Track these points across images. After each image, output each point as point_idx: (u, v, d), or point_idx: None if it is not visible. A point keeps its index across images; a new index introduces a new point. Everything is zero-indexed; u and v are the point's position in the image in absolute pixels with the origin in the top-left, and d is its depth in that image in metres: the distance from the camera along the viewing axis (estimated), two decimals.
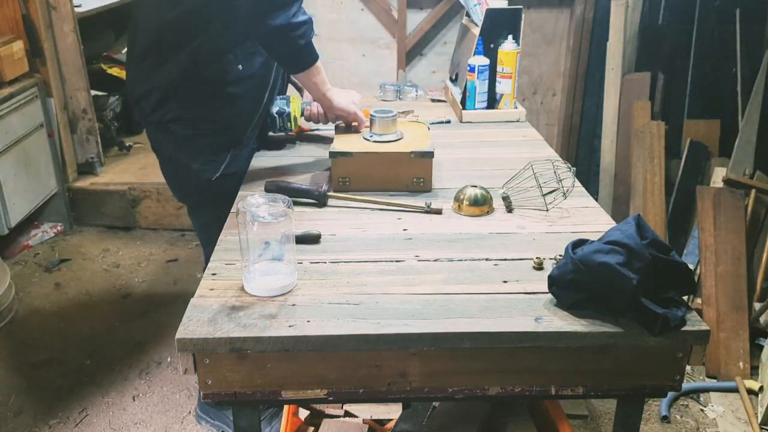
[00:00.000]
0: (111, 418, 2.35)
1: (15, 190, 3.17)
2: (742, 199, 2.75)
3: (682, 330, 1.14)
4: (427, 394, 1.19)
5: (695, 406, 2.42)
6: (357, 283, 1.29)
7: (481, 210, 1.58)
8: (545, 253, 1.38)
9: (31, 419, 2.33)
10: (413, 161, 1.69)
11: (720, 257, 2.67)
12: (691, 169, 3.08)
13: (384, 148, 1.74)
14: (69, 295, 3.08)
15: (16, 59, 3.21)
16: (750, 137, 2.94)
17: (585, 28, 3.50)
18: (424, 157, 1.70)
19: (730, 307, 2.59)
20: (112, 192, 3.64)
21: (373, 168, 1.71)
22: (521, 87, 3.63)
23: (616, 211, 3.36)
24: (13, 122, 3.16)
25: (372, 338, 1.13)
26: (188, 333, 1.13)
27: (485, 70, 2.23)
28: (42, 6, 3.36)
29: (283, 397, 1.18)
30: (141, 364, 2.62)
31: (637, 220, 1.19)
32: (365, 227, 1.53)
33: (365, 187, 1.70)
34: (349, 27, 3.55)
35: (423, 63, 3.65)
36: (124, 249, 3.50)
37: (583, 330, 1.14)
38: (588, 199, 1.68)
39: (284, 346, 1.13)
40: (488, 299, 1.23)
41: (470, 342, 1.14)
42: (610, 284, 1.13)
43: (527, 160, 1.71)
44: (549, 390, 1.20)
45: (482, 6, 2.27)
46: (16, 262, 3.32)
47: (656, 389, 1.21)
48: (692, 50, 3.21)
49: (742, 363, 2.51)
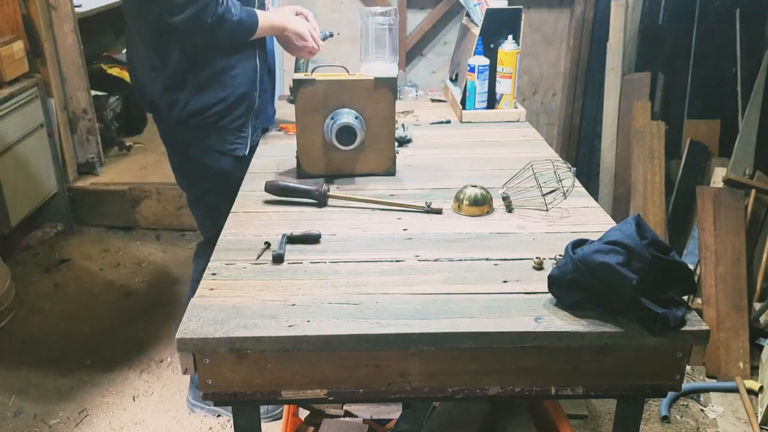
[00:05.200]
0: (111, 418, 2.35)
1: (15, 190, 3.17)
2: (742, 199, 2.75)
3: (682, 330, 1.14)
4: (427, 394, 1.19)
5: (695, 406, 2.42)
6: (357, 283, 1.29)
7: (481, 210, 1.58)
8: (545, 253, 1.38)
9: (31, 419, 2.33)
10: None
11: (720, 257, 2.67)
12: (691, 169, 3.08)
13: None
14: (69, 295, 3.08)
15: (16, 59, 3.21)
16: (750, 137, 2.94)
17: (585, 28, 3.50)
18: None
19: (730, 307, 2.59)
20: (112, 192, 3.64)
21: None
22: (521, 87, 3.63)
23: (616, 211, 3.36)
24: (14, 122, 3.16)
25: (372, 338, 1.13)
26: (188, 333, 1.13)
27: (485, 70, 2.23)
28: (42, 6, 3.36)
29: (283, 397, 1.18)
30: (141, 364, 2.62)
31: (637, 220, 1.19)
32: (365, 227, 1.53)
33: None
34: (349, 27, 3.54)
35: (423, 63, 3.65)
36: (124, 249, 3.50)
37: (583, 330, 1.14)
38: (588, 199, 1.68)
39: (284, 346, 1.13)
40: (488, 299, 1.23)
41: (470, 342, 1.14)
42: (610, 284, 1.13)
43: (527, 160, 1.71)
44: (549, 390, 1.20)
45: (482, 6, 2.27)
46: (16, 262, 3.32)
47: (656, 389, 1.21)
48: (692, 50, 3.21)
49: (742, 363, 2.51)
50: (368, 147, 1.79)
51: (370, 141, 1.78)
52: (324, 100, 1.73)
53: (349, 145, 1.73)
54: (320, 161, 1.79)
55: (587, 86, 3.61)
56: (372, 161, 1.81)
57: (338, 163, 1.80)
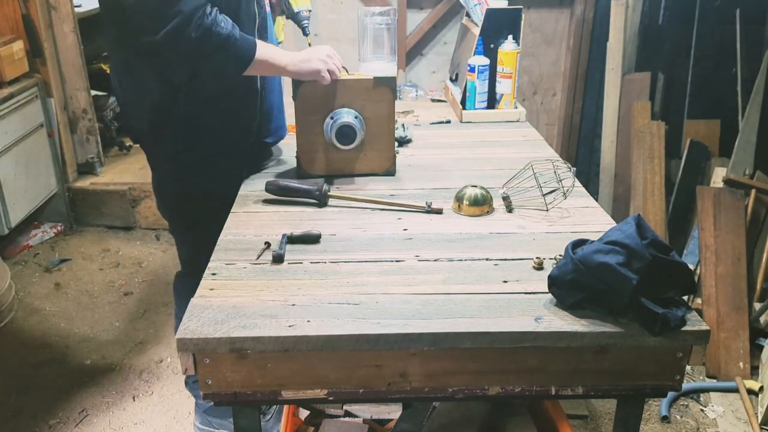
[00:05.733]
0: (111, 418, 2.35)
1: (15, 190, 3.17)
2: (742, 199, 2.75)
3: (682, 330, 1.14)
4: (427, 394, 1.19)
5: (695, 406, 2.42)
6: (357, 283, 1.29)
7: (481, 210, 1.58)
8: (545, 253, 1.38)
9: (31, 419, 2.33)
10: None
11: (720, 257, 2.67)
12: (691, 169, 3.08)
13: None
14: (69, 295, 3.08)
15: (16, 59, 3.21)
16: (750, 137, 2.94)
17: (585, 28, 3.50)
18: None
19: (730, 307, 2.59)
20: (112, 192, 3.64)
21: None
22: (521, 87, 3.63)
23: (616, 211, 3.36)
24: (13, 122, 3.16)
25: (372, 338, 1.13)
26: (188, 333, 1.13)
27: (485, 70, 2.23)
28: (42, 6, 3.36)
29: (283, 397, 1.18)
30: (141, 364, 2.62)
31: (637, 220, 1.19)
32: (365, 227, 1.53)
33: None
34: (349, 27, 3.55)
35: (423, 63, 3.65)
36: (124, 249, 3.50)
37: (583, 330, 1.14)
38: (588, 199, 1.68)
39: (284, 346, 1.13)
40: (488, 299, 1.23)
41: (470, 342, 1.14)
42: (610, 284, 1.13)
43: (527, 160, 1.71)
44: (549, 390, 1.20)
45: (482, 6, 2.27)
46: (16, 262, 3.32)
47: (656, 389, 1.21)
48: (692, 50, 3.21)
49: (742, 363, 2.51)
50: (368, 147, 1.79)
51: (369, 141, 1.78)
52: (324, 99, 1.73)
53: (349, 145, 1.73)
54: (320, 161, 1.79)
55: (587, 86, 3.61)
56: (372, 161, 1.81)
57: (338, 163, 1.80)
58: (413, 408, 1.89)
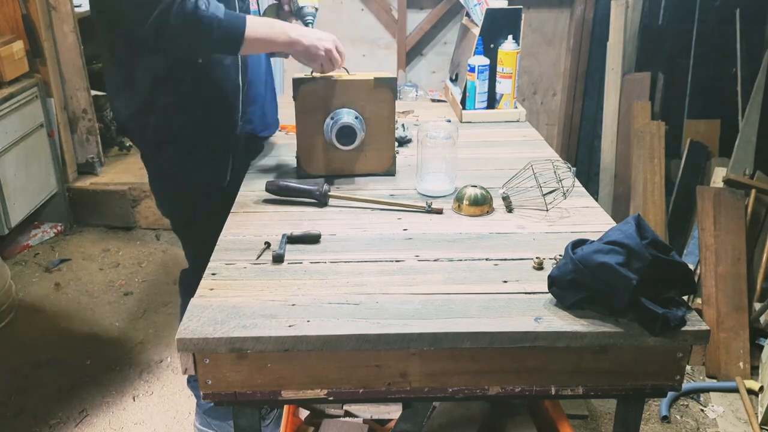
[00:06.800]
0: (111, 418, 2.35)
1: (15, 190, 3.17)
2: (742, 199, 2.75)
3: (682, 330, 1.14)
4: (427, 394, 1.19)
5: (695, 406, 2.42)
6: (357, 283, 1.29)
7: (481, 210, 1.58)
8: (545, 253, 1.38)
9: (31, 419, 2.33)
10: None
11: (720, 257, 2.67)
12: (691, 169, 3.08)
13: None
14: (69, 295, 3.08)
15: (16, 59, 3.21)
16: (750, 137, 2.94)
17: (585, 28, 3.50)
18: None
19: (730, 307, 2.59)
20: (112, 192, 3.65)
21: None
22: (521, 87, 3.63)
23: (616, 211, 3.36)
24: (13, 122, 3.16)
25: (372, 338, 1.13)
26: (188, 333, 1.13)
27: (485, 70, 2.23)
28: (42, 6, 3.36)
29: (283, 397, 1.18)
30: (141, 364, 2.62)
31: (637, 220, 1.19)
32: (365, 227, 1.53)
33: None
34: (349, 27, 3.55)
35: (423, 63, 3.65)
36: (124, 249, 3.50)
37: (583, 330, 1.14)
38: (588, 199, 1.68)
39: (284, 346, 1.13)
40: (488, 299, 1.23)
41: (470, 342, 1.14)
42: (610, 284, 1.13)
43: (527, 160, 1.70)
44: (549, 390, 1.20)
45: (482, 6, 2.27)
46: (16, 262, 3.32)
47: (656, 389, 1.21)
48: (692, 50, 3.21)
49: (742, 363, 2.51)
50: (368, 147, 1.79)
51: (370, 141, 1.78)
52: (324, 99, 1.73)
53: (349, 145, 1.73)
54: (320, 161, 1.79)
55: (587, 86, 3.61)
56: (372, 161, 1.81)
57: (338, 163, 1.80)
58: (413, 408, 1.89)
